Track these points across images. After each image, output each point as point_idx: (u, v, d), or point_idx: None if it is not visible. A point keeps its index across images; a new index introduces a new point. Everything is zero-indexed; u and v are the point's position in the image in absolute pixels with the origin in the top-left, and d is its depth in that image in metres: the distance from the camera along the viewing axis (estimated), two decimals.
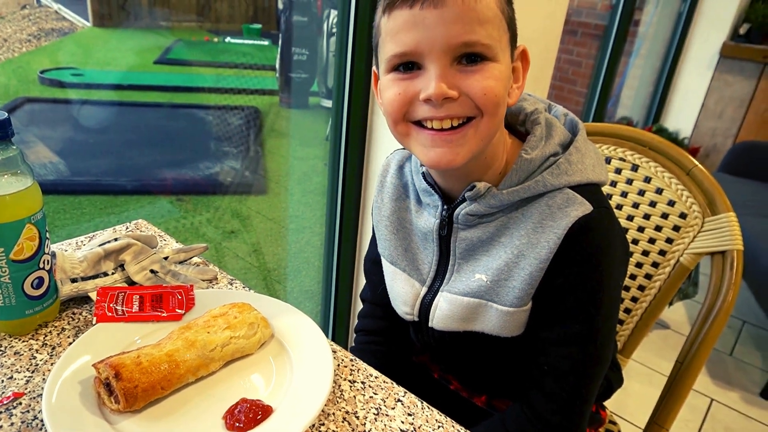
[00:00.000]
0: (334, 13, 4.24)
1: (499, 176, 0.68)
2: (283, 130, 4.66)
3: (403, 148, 0.78)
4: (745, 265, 0.85)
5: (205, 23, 7.61)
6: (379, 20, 0.62)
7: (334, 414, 0.61)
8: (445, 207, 0.70)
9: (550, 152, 0.66)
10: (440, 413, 0.63)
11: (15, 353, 0.65)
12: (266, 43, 7.14)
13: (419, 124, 0.62)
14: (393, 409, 0.63)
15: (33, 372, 0.62)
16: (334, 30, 3.32)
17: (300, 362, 0.66)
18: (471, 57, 0.59)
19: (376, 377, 0.68)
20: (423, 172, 0.72)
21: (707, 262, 0.87)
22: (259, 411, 0.57)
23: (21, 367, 0.63)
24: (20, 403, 0.58)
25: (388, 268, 0.79)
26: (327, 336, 0.70)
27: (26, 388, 0.60)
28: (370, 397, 0.64)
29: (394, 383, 0.67)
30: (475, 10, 0.57)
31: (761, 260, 2.01)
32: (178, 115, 4.76)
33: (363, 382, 0.67)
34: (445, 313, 0.72)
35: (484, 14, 0.57)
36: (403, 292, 0.77)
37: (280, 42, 4.73)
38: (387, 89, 0.63)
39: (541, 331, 0.69)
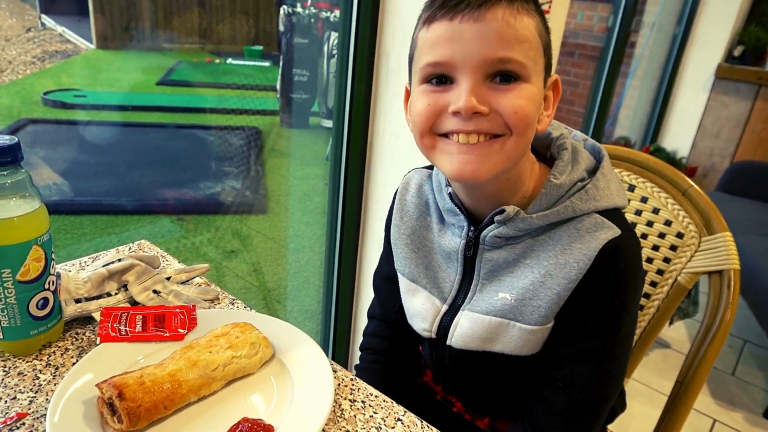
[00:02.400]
0: (334, 35, 4.30)
1: (526, 200, 0.68)
2: (284, 150, 4.69)
3: (421, 168, 0.80)
4: (744, 285, 0.86)
5: (207, 45, 7.71)
6: (418, 33, 0.63)
7: None
8: (471, 228, 0.70)
9: (578, 178, 0.67)
10: None
11: (19, 373, 0.65)
12: (267, 64, 7.23)
13: (446, 136, 0.62)
14: (393, 428, 0.63)
15: (36, 392, 0.63)
16: (335, 51, 3.36)
17: (301, 381, 0.66)
18: (505, 76, 0.59)
19: (376, 396, 0.68)
20: (450, 192, 0.72)
21: (706, 281, 0.88)
22: (261, 430, 0.58)
23: (25, 387, 0.63)
24: (24, 424, 0.58)
25: (407, 285, 0.79)
26: (327, 355, 0.70)
27: (30, 409, 0.60)
28: (371, 416, 0.65)
29: (394, 402, 0.68)
30: (514, 27, 0.57)
31: (760, 279, 2.01)
32: (179, 135, 4.80)
33: (363, 402, 0.67)
34: (465, 331, 0.72)
35: (522, 34, 0.58)
36: (423, 309, 0.76)
37: (281, 63, 4.79)
38: (416, 101, 0.63)
39: (560, 346, 0.69)
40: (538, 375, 0.71)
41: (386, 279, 0.86)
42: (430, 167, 0.80)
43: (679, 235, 0.90)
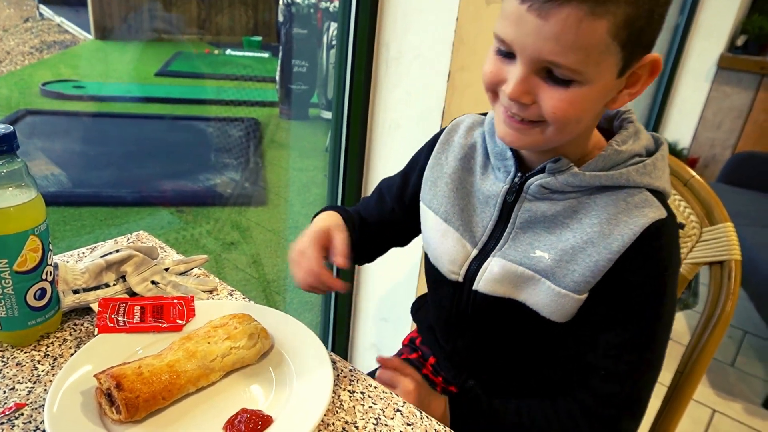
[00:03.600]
0: (333, 25, 4.27)
1: (581, 160, 0.68)
2: (283, 142, 4.68)
3: (476, 114, 0.82)
4: (744, 275, 0.85)
5: (205, 35, 7.67)
6: None
7: (333, 424, 0.61)
8: (518, 174, 0.71)
9: (637, 151, 0.67)
10: (438, 423, 0.64)
11: (17, 364, 0.65)
12: (266, 55, 7.19)
13: None
14: (392, 419, 0.63)
15: (35, 383, 0.63)
16: (334, 42, 3.34)
17: (300, 373, 0.66)
18: (555, 76, 0.59)
19: (375, 387, 0.68)
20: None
21: (707, 272, 0.88)
22: (259, 421, 0.57)
23: (23, 378, 0.63)
24: (22, 414, 0.58)
25: (439, 225, 0.78)
26: (327, 347, 0.70)
27: (28, 399, 0.60)
28: (369, 407, 0.65)
29: (393, 393, 0.68)
30: (575, 34, 0.55)
31: (761, 270, 2.01)
32: (178, 126, 4.79)
33: (362, 392, 0.67)
34: (495, 276, 0.71)
35: (585, 40, 0.55)
36: (453, 251, 0.76)
37: (280, 54, 4.77)
38: (487, 60, 0.65)
39: (600, 332, 0.68)
40: (578, 359, 0.70)
41: (381, 189, 0.91)
42: (483, 114, 0.81)
43: (681, 226, 0.89)
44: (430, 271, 0.82)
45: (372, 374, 0.90)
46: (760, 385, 2.10)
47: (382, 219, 0.90)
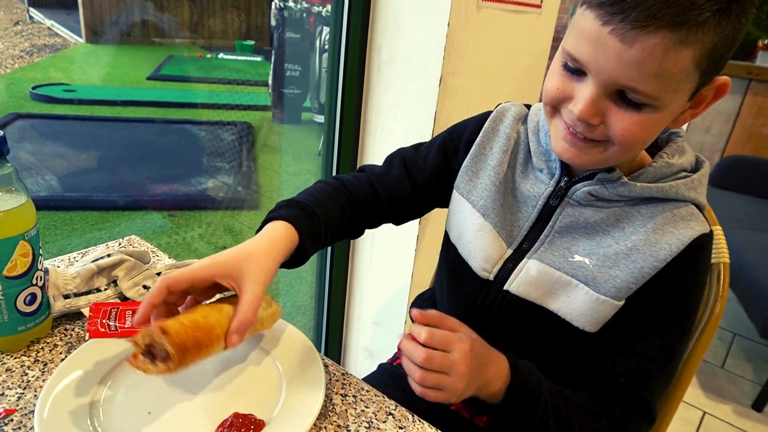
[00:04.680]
0: (326, 29, 4.28)
1: (629, 171, 0.67)
2: (276, 146, 4.68)
3: (519, 104, 0.79)
4: (734, 278, 0.86)
5: (198, 39, 7.66)
6: (579, 3, 0.60)
7: (325, 428, 0.61)
8: (564, 178, 0.70)
9: (684, 166, 0.67)
10: (431, 426, 0.64)
11: (6, 370, 0.65)
12: (259, 59, 7.20)
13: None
14: (384, 422, 0.63)
15: (25, 388, 0.62)
16: (327, 46, 3.35)
17: (292, 376, 0.66)
18: (629, 100, 0.57)
19: (367, 391, 0.68)
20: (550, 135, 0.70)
21: None
22: (251, 425, 0.57)
23: (12, 383, 0.63)
24: (12, 420, 0.58)
25: (476, 219, 0.75)
26: (319, 350, 0.70)
27: (18, 405, 0.60)
28: (362, 410, 0.65)
29: (386, 397, 0.68)
30: (659, 64, 0.53)
31: (750, 273, 2.03)
32: (170, 130, 4.77)
33: (354, 396, 0.67)
34: (531, 278, 0.70)
35: (667, 70, 0.53)
36: (489, 248, 0.74)
37: (272, 58, 4.77)
38: (552, 73, 0.63)
39: (625, 339, 0.67)
40: (596, 366, 0.69)
41: (406, 164, 0.83)
42: (528, 105, 0.79)
43: None
44: (458, 264, 0.78)
45: (367, 379, 0.90)
46: (750, 387, 2.12)
47: (401, 195, 0.82)
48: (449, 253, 0.81)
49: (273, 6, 4.61)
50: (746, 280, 2.02)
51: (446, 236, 0.84)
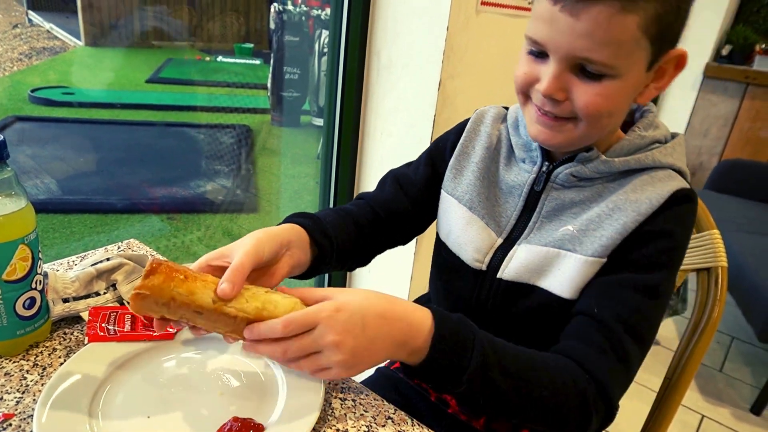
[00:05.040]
0: (325, 33, 4.29)
1: (607, 150, 0.70)
2: (275, 149, 4.68)
3: (499, 106, 0.84)
4: (732, 282, 0.86)
5: (197, 42, 7.67)
6: None
7: None
8: (545, 164, 0.72)
9: (657, 137, 0.70)
10: (430, 429, 0.64)
11: (5, 374, 0.65)
12: (258, 62, 7.21)
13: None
14: (383, 426, 0.63)
15: (23, 393, 0.62)
16: (326, 50, 3.37)
17: (291, 380, 0.66)
18: (588, 71, 0.61)
19: (366, 395, 0.68)
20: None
21: (695, 279, 0.89)
22: (250, 429, 0.57)
23: (11, 388, 0.63)
24: (10, 425, 0.58)
25: (463, 213, 0.78)
26: None
27: (16, 409, 0.60)
28: (361, 414, 0.65)
29: (385, 401, 0.68)
30: (607, 31, 0.57)
31: (747, 276, 2.03)
32: (169, 133, 4.77)
33: (354, 400, 0.67)
34: (521, 261, 0.71)
35: (616, 36, 0.58)
36: (478, 239, 0.76)
37: (271, 61, 4.78)
38: (520, 63, 0.67)
39: (606, 276, 0.66)
40: (575, 315, 0.67)
41: (398, 180, 0.86)
42: (506, 106, 0.83)
43: None
44: (449, 260, 0.80)
45: (365, 383, 0.90)
46: (748, 390, 2.12)
47: (400, 211, 0.84)
48: (440, 251, 0.83)
49: (272, 9, 4.62)
50: (744, 283, 2.03)
51: (437, 237, 0.85)
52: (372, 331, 0.56)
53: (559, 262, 0.69)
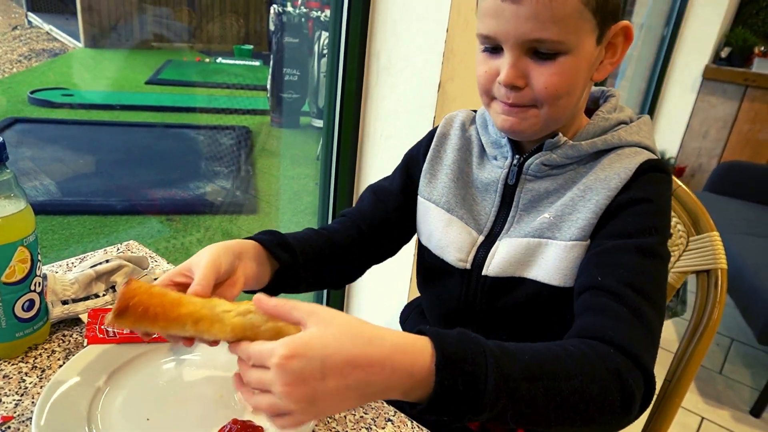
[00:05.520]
0: (325, 34, 4.29)
1: (573, 135, 0.72)
2: (274, 150, 4.68)
3: (468, 110, 0.86)
4: (731, 284, 0.86)
5: (196, 44, 7.67)
6: None
7: None
8: (516, 156, 0.73)
9: (622, 119, 0.72)
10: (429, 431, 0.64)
11: (4, 376, 0.65)
12: (257, 63, 7.20)
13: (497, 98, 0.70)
14: (383, 428, 0.63)
15: (22, 395, 0.62)
16: (325, 51, 3.36)
17: None
18: (541, 52, 0.63)
19: None
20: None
21: (694, 281, 0.89)
22: (250, 431, 0.57)
23: (10, 390, 0.63)
24: (9, 427, 0.58)
25: (441, 215, 0.79)
26: None
27: (15, 412, 0.60)
28: (361, 416, 0.65)
29: (384, 403, 0.68)
30: (549, 9, 0.60)
31: (747, 278, 2.03)
32: (169, 135, 4.77)
33: None
34: (503, 257, 0.72)
35: (559, 11, 0.60)
36: (459, 238, 0.76)
37: (271, 62, 4.78)
38: (478, 64, 0.69)
39: (596, 246, 0.65)
40: (580, 295, 0.64)
41: (375, 192, 0.87)
42: (474, 110, 0.85)
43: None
44: (434, 264, 0.79)
45: None
46: (748, 392, 2.12)
47: (382, 222, 0.85)
48: (424, 257, 0.83)
49: (272, 11, 4.62)
50: (744, 285, 2.03)
51: (419, 243, 0.85)
52: (335, 380, 0.45)
53: (541, 251, 0.70)
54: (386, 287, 1.56)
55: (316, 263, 0.76)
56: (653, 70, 3.69)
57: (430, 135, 0.85)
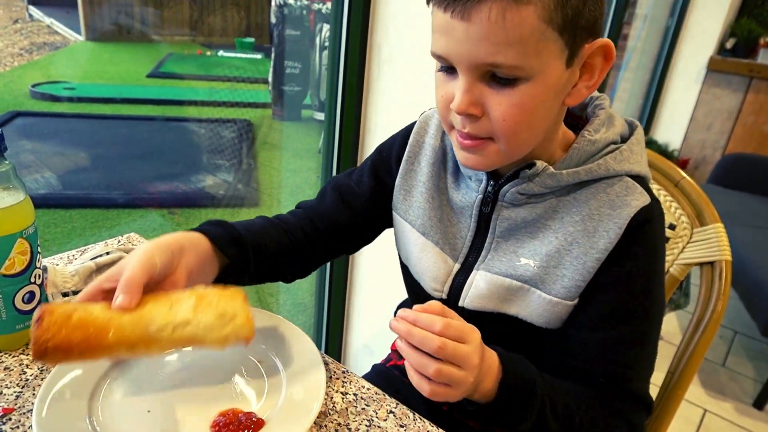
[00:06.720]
0: (326, 27, 4.27)
1: (554, 159, 0.65)
2: (276, 143, 4.67)
3: None
4: (734, 276, 0.86)
5: (197, 37, 7.65)
6: (427, 4, 0.60)
7: (326, 426, 0.61)
8: (491, 183, 0.67)
9: (611, 139, 0.65)
10: (432, 424, 0.63)
11: (5, 368, 0.64)
12: (259, 56, 7.19)
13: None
14: (385, 420, 0.63)
15: (23, 387, 0.62)
16: (327, 44, 3.34)
17: (292, 374, 0.65)
18: (499, 77, 0.55)
19: (368, 389, 0.68)
20: None
21: (698, 273, 0.88)
22: (251, 423, 0.57)
23: (11, 382, 0.62)
24: (10, 419, 0.57)
25: (417, 239, 0.74)
26: (320, 348, 0.70)
27: (16, 404, 0.59)
28: (362, 408, 0.64)
29: (386, 395, 0.67)
30: (504, 29, 0.51)
31: (751, 270, 2.02)
32: (170, 128, 4.77)
33: (355, 394, 0.67)
34: (482, 292, 0.68)
35: (515, 33, 0.52)
36: (434, 267, 0.72)
37: (272, 55, 4.76)
38: (436, 86, 0.62)
39: (592, 333, 0.64)
40: (574, 365, 0.66)
41: (340, 192, 0.80)
42: None
43: (671, 227, 0.90)
44: (412, 285, 0.78)
45: (366, 376, 0.90)
46: (751, 385, 2.11)
47: (342, 224, 0.79)
48: (405, 272, 0.81)
49: (273, 3, 4.60)
50: (747, 277, 2.02)
51: (399, 259, 0.83)
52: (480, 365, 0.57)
53: (524, 295, 0.67)
54: (386, 287, 1.56)
55: (267, 259, 0.72)
56: (657, 62, 3.67)
57: (404, 139, 0.78)
